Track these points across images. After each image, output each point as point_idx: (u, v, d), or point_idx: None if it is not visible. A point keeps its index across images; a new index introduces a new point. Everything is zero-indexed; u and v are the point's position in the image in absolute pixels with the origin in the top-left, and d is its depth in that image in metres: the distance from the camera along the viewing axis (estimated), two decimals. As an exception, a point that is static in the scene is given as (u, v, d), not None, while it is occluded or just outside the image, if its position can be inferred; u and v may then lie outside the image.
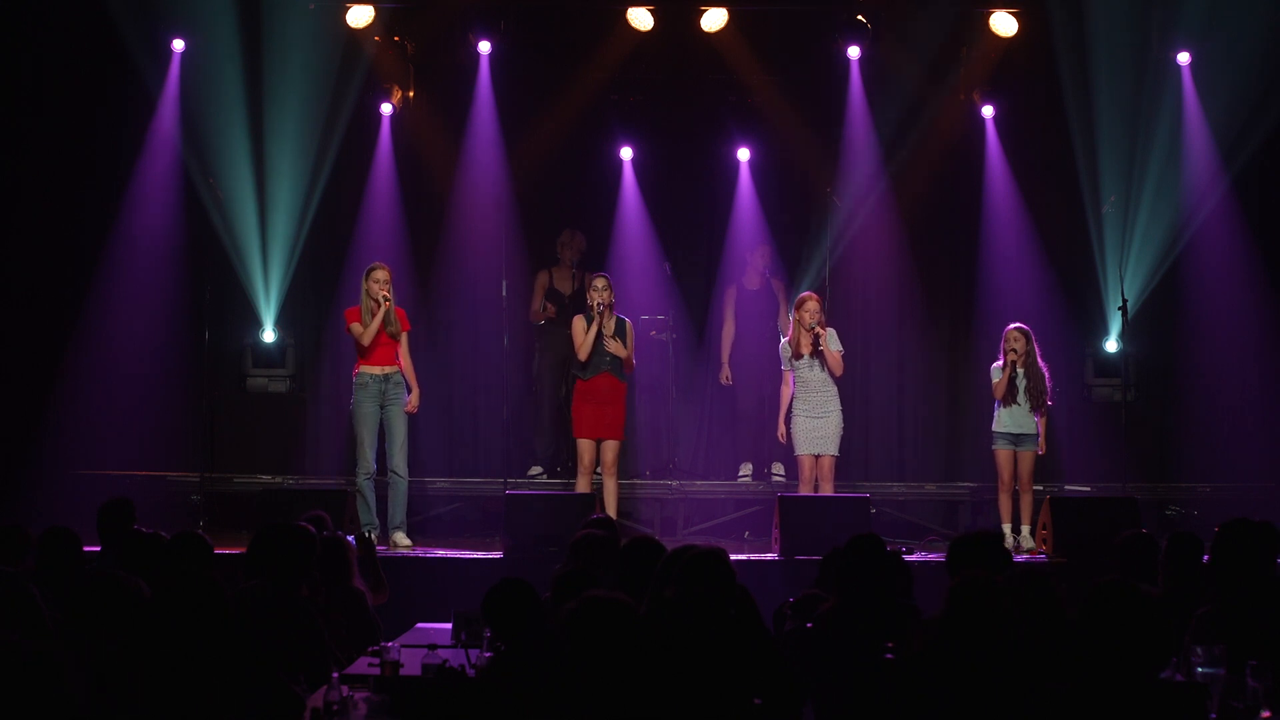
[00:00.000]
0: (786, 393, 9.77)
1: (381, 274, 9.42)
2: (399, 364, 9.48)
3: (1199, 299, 11.32)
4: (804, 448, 9.68)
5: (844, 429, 9.80)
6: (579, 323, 9.71)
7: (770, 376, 10.52)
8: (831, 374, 9.67)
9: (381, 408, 9.42)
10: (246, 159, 11.11)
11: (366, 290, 9.41)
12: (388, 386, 9.42)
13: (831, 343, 9.66)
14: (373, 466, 9.42)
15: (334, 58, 11.11)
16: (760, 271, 11.15)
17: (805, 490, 9.63)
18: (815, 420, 9.64)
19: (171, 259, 11.22)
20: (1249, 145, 11.08)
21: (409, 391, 9.49)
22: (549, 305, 11.10)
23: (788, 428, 9.76)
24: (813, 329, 9.57)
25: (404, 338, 9.52)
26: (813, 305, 9.65)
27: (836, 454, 9.72)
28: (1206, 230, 11.21)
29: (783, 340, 9.88)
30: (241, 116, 11.06)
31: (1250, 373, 11.29)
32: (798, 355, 9.66)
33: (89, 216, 11.19)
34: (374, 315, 9.34)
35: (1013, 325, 9.65)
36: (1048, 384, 9.57)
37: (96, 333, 11.01)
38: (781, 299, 11.04)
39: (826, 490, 9.59)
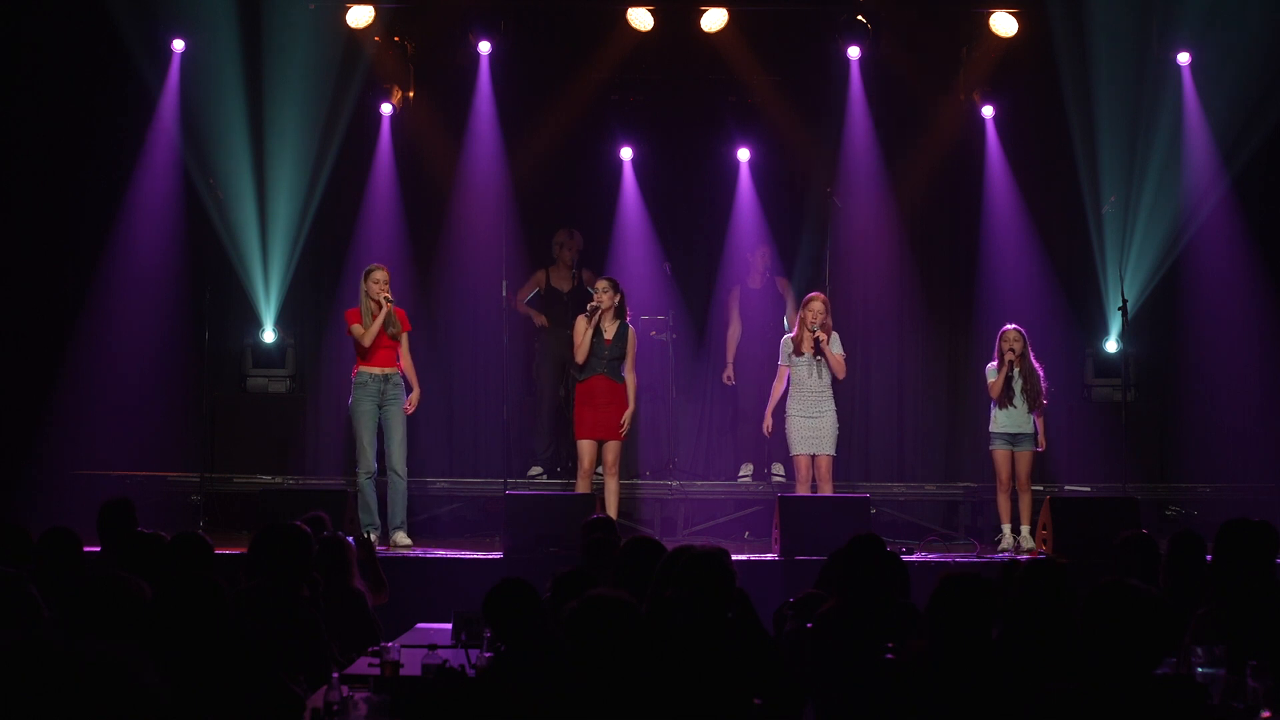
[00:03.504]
0: (779, 388, 9.77)
1: (380, 275, 9.43)
2: (399, 365, 9.49)
3: (1199, 299, 11.31)
4: (799, 448, 9.67)
5: (844, 429, 9.80)
6: (580, 322, 9.72)
7: (772, 375, 10.52)
8: (832, 375, 9.67)
9: (380, 407, 9.44)
10: (246, 159, 11.11)
11: (366, 291, 9.42)
12: (386, 387, 9.43)
13: (834, 346, 9.66)
14: (373, 466, 9.43)
15: (334, 58, 11.10)
16: (761, 271, 11.15)
17: (802, 490, 9.63)
18: (810, 420, 9.64)
19: (171, 259, 11.21)
20: (1249, 145, 11.07)
21: (409, 391, 9.51)
22: (540, 316, 11.12)
23: (776, 423, 9.76)
24: (814, 331, 9.57)
25: (404, 338, 9.53)
26: (818, 306, 9.65)
27: (834, 454, 9.72)
28: (1207, 230, 11.21)
29: (786, 335, 9.87)
30: (241, 116, 11.06)
31: (1250, 373, 11.28)
32: (798, 352, 9.66)
33: (89, 216, 11.18)
34: (374, 316, 9.35)
35: (1009, 325, 9.64)
36: (1042, 384, 9.57)
37: (96, 333, 11.00)
38: (788, 298, 11.04)
39: (826, 490, 9.59)
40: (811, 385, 9.65)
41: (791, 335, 9.78)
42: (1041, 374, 9.58)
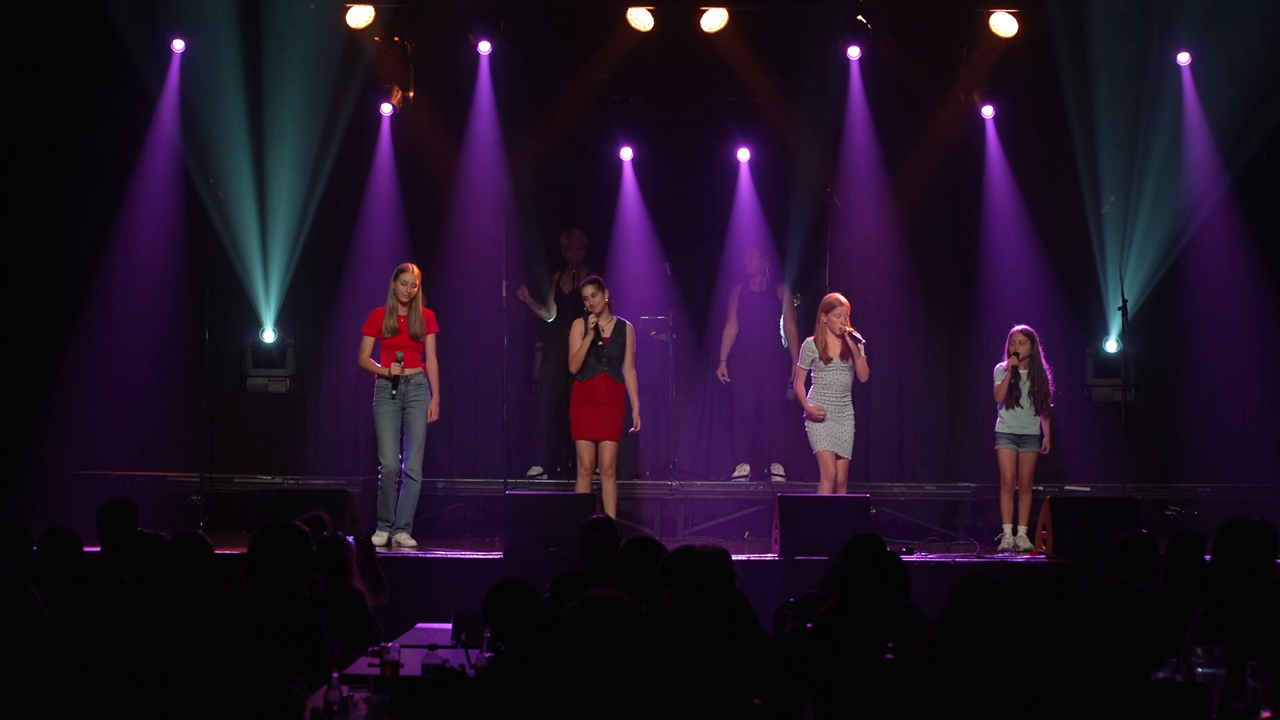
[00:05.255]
0: (802, 387, 9.69)
1: (409, 276, 9.41)
2: (421, 365, 9.46)
3: (1199, 299, 11.31)
4: (824, 444, 9.59)
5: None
6: (577, 327, 9.69)
7: (769, 378, 10.51)
8: (857, 378, 9.64)
9: (402, 409, 9.41)
10: (246, 159, 11.11)
11: (393, 291, 9.40)
12: (408, 388, 9.40)
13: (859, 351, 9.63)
14: (394, 467, 9.41)
15: (334, 58, 11.10)
16: (755, 274, 11.11)
17: (827, 487, 9.57)
18: (835, 423, 9.59)
19: (171, 259, 11.22)
20: (1249, 145, 11.07)
21: (431, 394, 9.48)
22: (523, 288, 11.09)
23: (795, 422, 9.72)
24: (843, 332, 9.50)
25: (430, 340, 9.50)
26: (844, 310, 9.57)
27: (850, 457, 9.71)
28: (1207, 230, 11.21)
29: (808, 340, 9.77)
30: (241, 116, 11.06)
31: (1250, 373, 11.29)
32: (825, 358, 9.58)
33: (89, 216, 11.19)
34: (398, 317, 9.33)
35: (1018, 327, 9.60)
36: (1051, 387, 9.55)
37: (96, 333, 11.00)
38: (786, 304, 11.02)
39: (841, 493, 9.55)
40: (838, 388, 9.58)
41: (814, 338, 9.68)
42: (1051, 377, 9.56)
